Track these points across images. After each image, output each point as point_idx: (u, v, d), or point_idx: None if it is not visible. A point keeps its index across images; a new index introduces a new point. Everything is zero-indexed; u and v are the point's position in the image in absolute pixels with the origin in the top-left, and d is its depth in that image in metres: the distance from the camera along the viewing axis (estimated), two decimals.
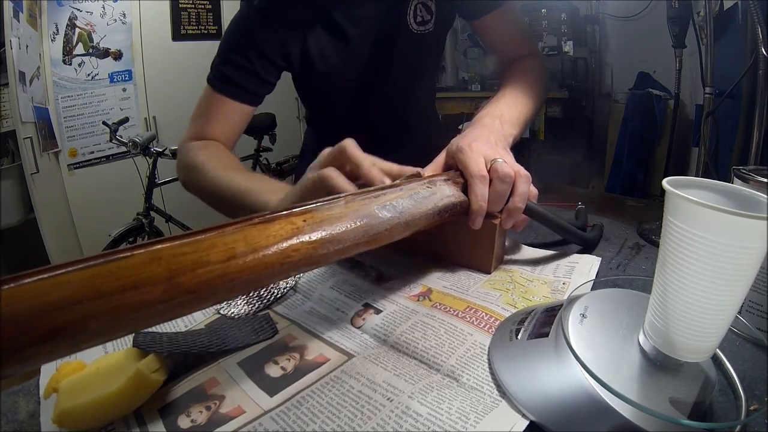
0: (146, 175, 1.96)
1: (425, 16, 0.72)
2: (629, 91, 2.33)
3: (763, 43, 0.63)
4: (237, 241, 0.26)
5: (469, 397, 0.30)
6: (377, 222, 0.34)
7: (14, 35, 1.70)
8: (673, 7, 1.51)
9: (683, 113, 2.02)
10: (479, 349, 0.34)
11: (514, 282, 0.44)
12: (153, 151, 1.90)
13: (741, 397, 0.28)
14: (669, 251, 0.26)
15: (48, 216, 1.90)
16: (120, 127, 1.97)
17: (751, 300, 0.35)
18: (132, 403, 0.30)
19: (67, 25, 2.07)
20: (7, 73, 1.70)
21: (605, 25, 2.57)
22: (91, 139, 2.21)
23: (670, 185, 0.25)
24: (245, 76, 0.68)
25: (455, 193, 0.43)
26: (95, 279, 0.21)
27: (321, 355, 0.35)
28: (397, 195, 0.37)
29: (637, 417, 0.25)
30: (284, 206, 0.30)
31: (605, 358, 0.29)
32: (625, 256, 0.52)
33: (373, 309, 0.41)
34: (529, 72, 0.69)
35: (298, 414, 0.29)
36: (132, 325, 0.23)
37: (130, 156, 2.02)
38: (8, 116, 1.79)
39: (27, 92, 1.81)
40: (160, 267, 0.23)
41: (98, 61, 2.19)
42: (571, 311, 0.32)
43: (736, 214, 0.22)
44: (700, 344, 0.27)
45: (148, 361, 0.31)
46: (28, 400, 0.33)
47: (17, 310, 0.19)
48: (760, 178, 0.34)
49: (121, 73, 2.27)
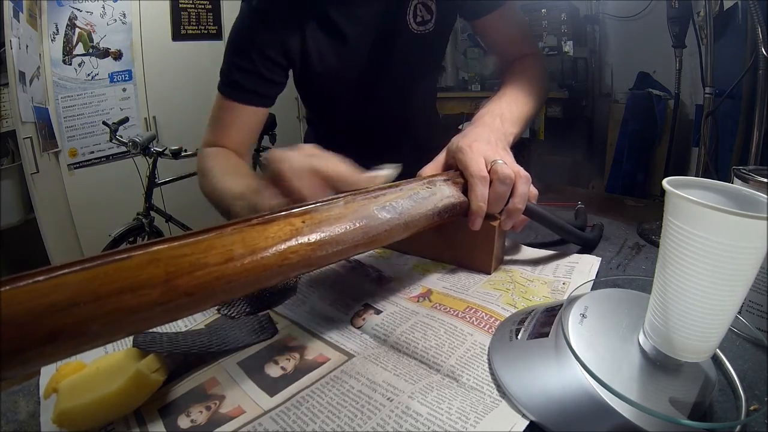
0: (146, 175, 1.96)
1: (425, 15, 0.71)
2: (629, 91, 2.33)
3: (763, 43, 0.63)
4: (235, 242, 0.26)
5: (469, 397, 0.30)
6: (377, 223, 0.34)
7: (14, 35, 1.70)
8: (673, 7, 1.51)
9: (683, 113, 2.02)
10: (479, 349, 0.34)
11: (514, 282, 0.44)
12: (153, 151, 1.89)
13: (741, 397, 0.28)
14: (669, 251, 0.26)
15: (48, 216, 1.90)
16: (120, 127, 1.96)
17: (751, 300, 0.35)
18: (132, 403, 0.30)
19: (67, 25, 2.07)
20: (7, 73, 1.69)
21: (605, 25, 2.57)
22: (91, 139, 2.21)
23: (670, 185, 0.25)
24: (252, 79, 0.68)
25: (455, 194, 0.43)
26: (92, 281, 0.21)
27: (321, 355, 0.35)
28: (397, 195, 0.37)
29: (637, 417, 0.25)
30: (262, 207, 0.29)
31: (605, 358, 0.29)
32: (625, 256, 0.52)
33: (373, 309, 0.40)
34: (529, 71, 0.68)
35: (298, 414, 0.29)
36: (130, 327, 0.23)
37: (130, 156, 2.02)
38: (8, 116, 1.79)
39: (27, 92, 1.81)
40: (158, 269, 0.23)
41: (98, 61, 2.19)
42: (571, 311, 0.32)
43: (736, 214, 0.22)
44: (700, 344, 0.26)
45: (148, 361, 0.31)
46: (28, 400, 0.33)
47: (17, 312, 0.19)
48: (760, 178, 0.34)
49: (121, 73, 2.27)
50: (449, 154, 0.48)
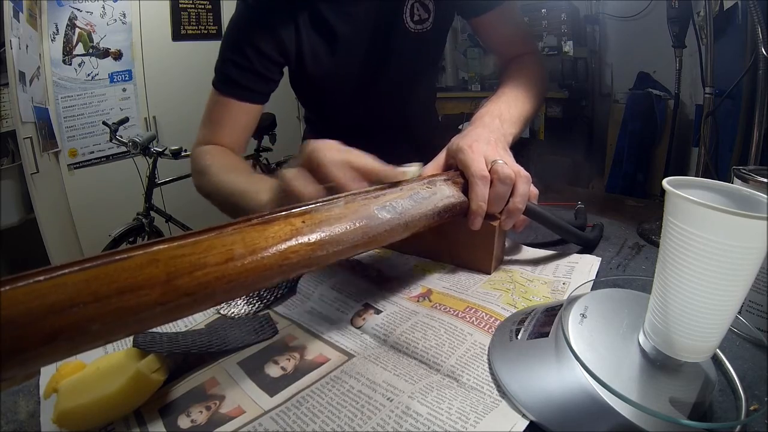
0: (146, 175, 1.96)
1: (422, 14, 0.71)
2: (629, 91, 2.33)
3: (763, 43, 0.63)
4: (235, 242, 0.26)
5: (469, 397, 0.30)
6: (377, 223, 0.34)
7: (14, 35, 1.70)
8: (673, 7, 1.51)
9: (683, 113, 2.02)
10: (479, 349, 0.34)
11: (514, 282, 0.44)
12: (153, 151, 1.89)
13: (741, 397, 0.28)
14: (669, 251, 0.26)
15: (48, 216, 1.90)
16: (120, 127, 1.97)
17: (751, 300, 0.35)
18: (132, 403, 0.30)
19: (67, 25, 2.07)
20: (7, 73, 1.69)
21: (605, 25, 2.57)
22: (91, 139, 2.21)
23: (670, 185, 0.25)
24: (246, 75, 0.68)
25: (455, 194, 0.43)
26: (92, 282, 0.21)
27: (321, 355, 0.35)
28: (397, 195, 0.37)
29: (637, 417, 0.25)
30: (272, 206, 0.29)
31: (605, 358, 0.29)
32: (625, 256, 0.52)
33: (373, 309, 0.40)
34: (528, 71, 0.68)
35: (298, 414, 0.29)
36: (130, 327, 0.23)
37: (130, 156, 2.02)
38: (8, 116, 1.79)
39: (27, 92, 1.81)
40: (158, 269, 0.23)
41: (98, 61, 2.19)
42: (571, 311, 0.32)
43: (736, 214, 0.22)
44: (700, 344, 0.26)
45: (148, 361, 0.31)
46: (28, 400, 0.33)
47: (17, 313, 0.19)
48: (760, 178, 0.34)
49: (121, 73, 2.27)
50: (449, 155, 0.48)
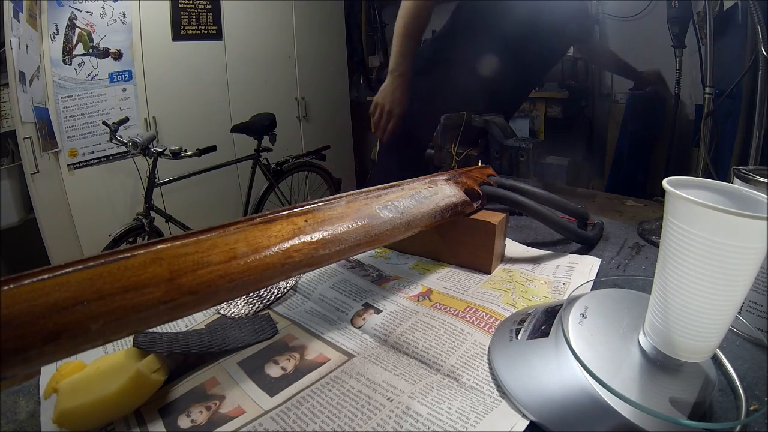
0: (146, 175, 1.96)
1: None
2: (629, 91, 2.33)
3: (763, 43, 0.63)
4: (238, 241, 0.26)
5: (469, 397, 0.30)
6: (379, 222, 0.34)
7: (14, 35, 1.70)
8: (673, 7, 1.51)
9: (683, 113, 2.02)
10: (479, 349, 0.34)
11: (514, 282, 0.44)
12: (153, 151, 1.89)
13: (741, 397, 0.29)
14: (669, 251, 0.26)
15: (48, 216, 1.90)
16: (120, 127, 1.96)
17: (751, 300, 0.35)
18: (132, 403, 0.30)
19: (67, 25, 2.06)
20: (7, 73, 1.69)
21: (605, 25, 2.56)
22: (91, 139, 2.21)
23: (670, 185, 0.25)
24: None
25: (457, 193, 0.43)
26: (96, 280, 0.21)
27: (321, 355, 0.35)
28: (399, 195, 0.37)
29: (637, 417, 0.25)
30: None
31: (605, 358, 0.29)
32: (625, 256, 0.52)
33: (373, 309, 0.40)
34: None
35: (298, 414, 0.29)
36: (133, 326, 0.23)
37: (130, 156, 2.01)
38: (8, 116, 1.79)
39: (27, 92, 1.81)
40: (161, 268, 0.23)
41: (98, 61, 2.19)
42: (571, 311, 0.32)
43: (736, 214, 0.22)
44: (700, 344, 0.27)
45: (148, 361, 0.31)
46: (28, 400, 0.33)
47: (19, 312, 0.19)
48: (760, 178, 0.34)
49: (121, 73, 2.27)
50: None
